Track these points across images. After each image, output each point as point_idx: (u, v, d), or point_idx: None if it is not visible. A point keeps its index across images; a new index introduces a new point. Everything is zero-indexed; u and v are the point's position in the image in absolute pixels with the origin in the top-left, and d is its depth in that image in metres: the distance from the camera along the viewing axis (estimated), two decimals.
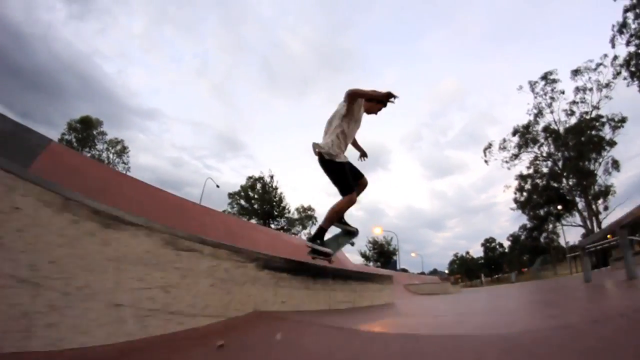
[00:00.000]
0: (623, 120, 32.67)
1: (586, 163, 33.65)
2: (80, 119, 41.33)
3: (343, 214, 3.70)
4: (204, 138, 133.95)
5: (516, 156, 38.04)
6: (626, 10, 28.34)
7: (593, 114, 33.64)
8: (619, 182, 35.20)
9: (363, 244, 49.90)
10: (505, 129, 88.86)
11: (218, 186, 31.21)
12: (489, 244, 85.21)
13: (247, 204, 34.49)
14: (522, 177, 40.00)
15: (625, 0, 28.19)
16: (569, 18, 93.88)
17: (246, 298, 2.56)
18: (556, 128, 35.70)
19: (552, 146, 36.49)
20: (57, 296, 1.60)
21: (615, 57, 31.09)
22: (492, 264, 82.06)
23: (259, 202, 34.53)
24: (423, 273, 77.75)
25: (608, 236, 6.31)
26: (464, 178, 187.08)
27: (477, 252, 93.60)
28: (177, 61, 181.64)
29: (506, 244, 75.84)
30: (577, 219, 36.33)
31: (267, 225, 34.15)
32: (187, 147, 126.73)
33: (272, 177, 36.07)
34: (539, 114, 36.57)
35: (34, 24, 65.32)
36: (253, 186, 34.96)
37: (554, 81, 35.34)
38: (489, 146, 38.78)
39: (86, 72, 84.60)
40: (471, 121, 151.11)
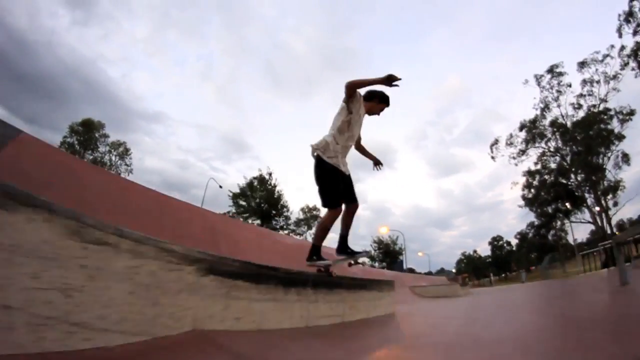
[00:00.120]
0: (631, 113, 31.66)
1: (595, 158, 32.72)
2: (81, 122, 41.35)
3: (348, 224, 3.53)
4: (210, 140, 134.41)
5: (523, 152, 37.00)
6: None
7: (601, 107, 32.68)
8: (628, 178, 33.94)
9: (368, 244, 49.04)
10: (511, 126, 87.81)
11: (221, 187, 31.04)
12: (497, 243, 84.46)
13: (246, 203, 33.30)
14: (530, 173, 39.02)
15: None
16: (572, 11, 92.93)
17: (182, 312, 1.96)
18: (564, 122, 34.80)
19: (560, 141, 35.56)
20: None
21: (622, 48, 30.13)
22: (500, 263, 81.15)
23: (257, 201, 33.39)
24: (430, 272, 77.06)
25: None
26: (470, 176, 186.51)
27: (485, 251, 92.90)
28: (181, 64, 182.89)
29: (514, 242, 75.06)
30: (587, 216, 35.42)
31: (267, 224, 33.21)
32: (193, 150, 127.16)
33: (271, 175, 34.71)
34: (546, 108, 35.63)
35: (38, 31, 66.03)
36: (251, 184, 33.71)
37: (560, 74, 34.40)
38: (496, 142, 37.93)
39: (91, 77, 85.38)
40: (476, 119, 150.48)
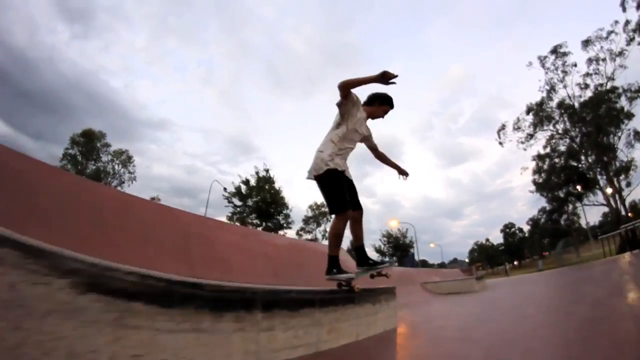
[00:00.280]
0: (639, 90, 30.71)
1: (605, 137, 31.73)
2: (82, 132, 41.20)
3: (359, 235, 3.42)
4: (216, 144, 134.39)
5: (531, 136, 35.94)
6: None
7: (608, 86, 31.63)
8: (639, 157, 32.95)
9: (377, 238, 48.28)
10: (517, 112, 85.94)
11: (225, 189, 30.99)
12: (509, 230, 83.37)
13: (241, 203, 31.88)
14: (540, 157, 37.95)
15: None
16: None
17: (52, 342, 1.35)
18: (571, 103, 33.79)
19: (568, 123, 34.56)
20: None
21: (627, 22, 29.06)
22: (513, 250, 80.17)
23: (254, 200, 32.11)
24: (443, 263, 76.53)
25: None
26: (478, 164, 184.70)
27: (497, 239, 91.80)
28: (182, 70, 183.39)
29: (526, 229, 73.98)
30: (600, 198, 34.38)
31: (266, 223, 32.29)
32: (200, 154, 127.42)
33: (267, 172, 33.22)
34: (552, 90, 34.56)
35: (38, 48, 66.46)
36: (247, 183, 32.29)
37: (565, 54, 33.28)
38: (503, 127, 36.92)
39: (93, 89, 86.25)
40: (481, 106, 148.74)
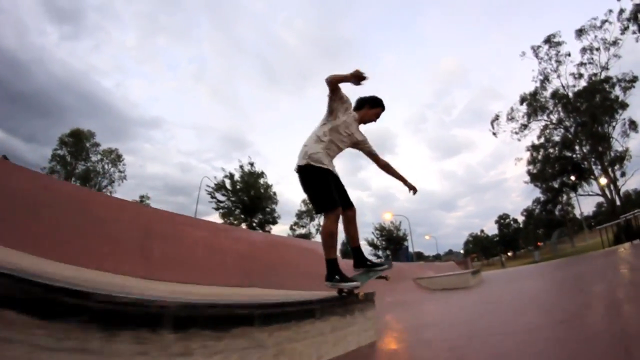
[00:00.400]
0: (634, 79, 30.48)
1: (600, 127, 31.63)
2: (70, 133, 40.45)
3: (354, 235, 3.15)
4: (209, 141, 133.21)
5: (525, 126, 35.86)
6: None
7: (602, 75, 31.49)
8: (633, 147, 32.71)
9: (369, 231, 47.30)
10: (510, 103, 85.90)
11: (208, 186, 30.26)
12: (503, 221, 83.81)
13: (225, 198, 30.57)
14: (534, 148, 37.69)
15: None
16: None
17: None
18: (565, 93, 33.62)
19: (562, 113, 34.42)
20: None
21: (621, 11, 28.82)
22: (508, 241, 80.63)
23: (238, 195, 30.85)
24: (438, 255, 76.81)
25: None
26: (472, 156, 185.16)
27: (491, 230, 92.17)
28: (174, 68, 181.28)
29: (520, 220, 74.32)
30: (595, 188, 34.33)
31: (250, 219, 31.28)
32: (194, 152, 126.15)
33: (252, 165, 32.17)
34: (546, 80, 34.38)
35: (28, 50, 65.33)
36: (231, 177, 30.92)
37: (558, 44, 33.08)
38: (497, 118, 36.70)
39: (85, 90, 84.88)
40: (474, 98, 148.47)
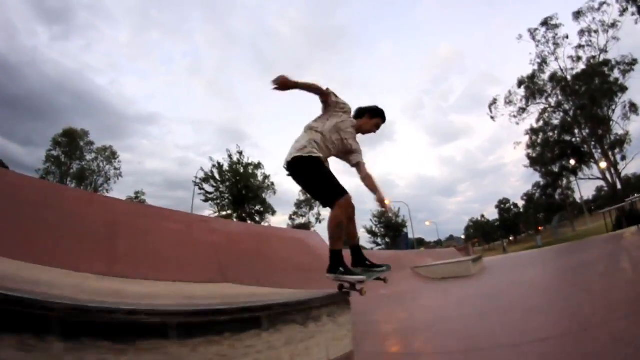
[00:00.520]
0: (633, 62, 29.98)
1: (599, 110, 31.25)
2: (63, 132, 39.93)
3: (353, 233, 2.90)
4: (207, 134, 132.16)
5: (524, 110, 35.45)
6: None
7: (601, 58, 30.99)
8: (633, 130, 32.34)
9: (368, 219, 46.94)
10: (508, 88, 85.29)
11: (196, 177, 29.69)
12: (503, 205, 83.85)
13: (213, 189, 29.90)
14: (534, 131, 37.29)
15: None
16: None
17: None
18: (564, 75, 33.11)
19: (561, 95, 33.96)
20: None
21: None
22: (509, 225, 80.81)
23: (226, 185, 30.16)
24: (440, 241, 76.75)
25: None
26: (471, 141, 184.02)
27: (492, 215, 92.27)
28: (168, 63, 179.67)
29: (521, 204, 74.35)
30: (595, 172, 34.09)
31: (242, 210, 30.60)
32: (191, 146, 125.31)
33: (241, 154, 31.43)
34: (543, 63, 33.86)
35: (20, 52, 64.27)
36: (220, 167, 30.19)
37: (556, 26, 32.48)
38: (494, 102, 36.28)
39: (79, 89, 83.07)
40: (472, 84, 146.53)
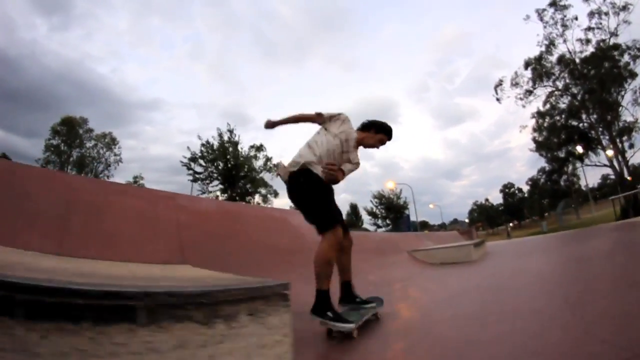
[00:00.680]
0: None
1: (608, 95, 30.25)
2: (61, 121, 39.80)
3: (347, 267, 2.69)
4: (210, 118, 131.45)
5: (530, 92, 34.26)
6: None
7: (611, 42, 29.70)
8: None
9: (368, 199, 46.89)
10: (514, 71, 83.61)
11: (184, 156, 28.70)
12: (508, 190, 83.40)
13: (203, 169, 28.76)
14: (540, 114, 36.17)
15: None
16: None
17: None
18: (572, 58, 31.95)
19: (569, 79, 32.82)
20: None
21: None
22: (513, 210, 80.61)
23: (215, 164, 28.91)
24: (444, 224, 76.93)
25: None
26: (476, 125, 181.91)
27: (496, 199, 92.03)
28: (169, 48, 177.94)
29: (525, 189, 73.95)
30: (602, 158, 33.09)
31: (231, 189, 29.47)
32: (195, 130, 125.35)
33: (232, 132, 29.76)
34: (551, 45, 32.65)
35: (19, 45, 63.80)
36: (211, 146, 28.80)
37: (565, 7, 31.10)
38: (500, 83, 35.09)
39: (81, 78, 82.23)
40: (477, 66, 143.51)
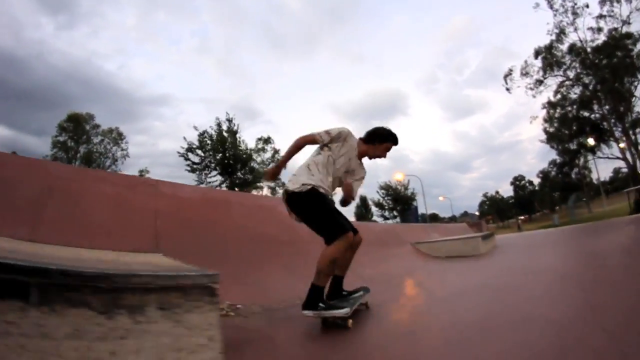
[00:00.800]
0: None
1: (621, 85, 29.07)
2: (68, 117, 39.89)
3: (348, 265, 2.77)
4: (219, 112, 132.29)
5: (541, 82, 33.16)
6: None
7: (623, 30, 28.36)
8: None
9: (375, 191, 46.01)
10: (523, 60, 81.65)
11: (181, 147, 27.83)
12: (519, 182, 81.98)
13: (199, 159, 27.40)
14: (551, 105, 35.11)
15: None
16: None
17: None
18: (584, 46, 30.73)
19: (580, 69, 31.67)
20: None
21: None
22: (523, 203, 79.42)
23: (212, 153, 27.66)
24: (454, 217, 76.18)
25: None
26: (486, 117, 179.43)
27: (506, 192, 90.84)
28: (177, 43, 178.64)
29: (536, 182, 72.88)
30: (614, 150, 31.91)
31: (230, 179, 28.37)
32: (205, 124, 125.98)
33: (231, 121, 28.52)
34: (562, 34, 31.42)
35: (26, 45, 64.07)
36: (210, 136, 27.72)
37: None
38: (510, 72, 34.11)
39: (88, 76, 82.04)
40: (486, 57, 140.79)
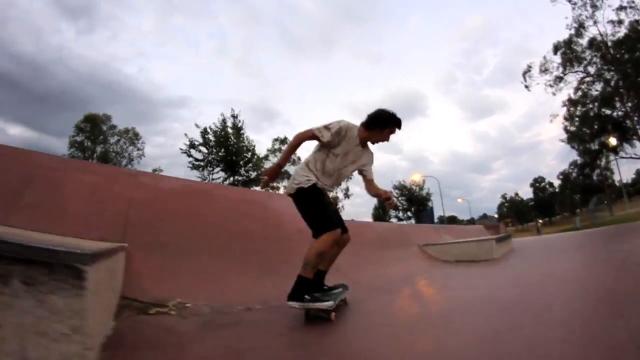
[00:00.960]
0: None
1: None
2: (85, 118, 40.90)
3: (333, 261, 2.83)
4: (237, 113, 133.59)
5: (560, 79, 31.94)
6: None
7: None
8: None
9: (389, 191, 45.41)
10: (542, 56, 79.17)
11: (183, 145, 27.19)
12: (539, 184, 79.28)
13: (203, 157, 26.56)
14: (572, 102, 33.75)
15: None
16: None
17: None
18: (604, 40, 29.19)
19: (601, 64, 30.13)
20: None
21: None
22: (543, 206, 76.64)
23: (215, 150, 26.86)
24: (473, 219, 74.11)
25: None
26: (506, 117, 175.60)
27: (526, 194, 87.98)
28: (195, 46, 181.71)
29: (556, 184, 70.22)
30: (638, 150, 30.39)
31: (233, 176, 27.51)
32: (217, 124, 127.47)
33: (235, 117, 27.31)
34: (581, 28, 30.05)
35: (47, 51, 65.98)
36: (214, 132, 26.88)
37: None
38: (529, 69, 33.01)
39: (108, 80, 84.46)
40: (505, 56, 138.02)
